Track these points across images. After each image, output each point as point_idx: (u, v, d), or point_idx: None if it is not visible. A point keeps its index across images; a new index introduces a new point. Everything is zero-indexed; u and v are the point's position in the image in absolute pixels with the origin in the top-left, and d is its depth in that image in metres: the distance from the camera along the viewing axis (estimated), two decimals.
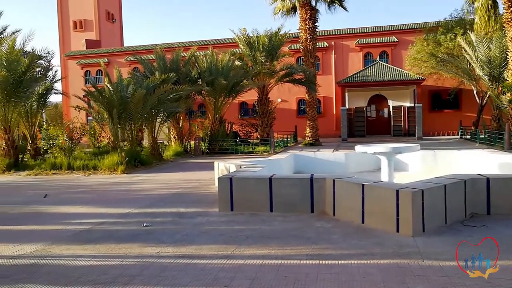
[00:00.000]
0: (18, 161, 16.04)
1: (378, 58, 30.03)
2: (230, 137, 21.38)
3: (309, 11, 22.92)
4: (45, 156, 17.05)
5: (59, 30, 45.05)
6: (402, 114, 27.79)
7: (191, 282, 4.08)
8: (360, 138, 26.70)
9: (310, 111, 23.47)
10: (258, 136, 23.51)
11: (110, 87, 16.98)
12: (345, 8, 23.66)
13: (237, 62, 22.81)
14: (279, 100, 30.09)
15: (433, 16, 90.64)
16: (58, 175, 13.93)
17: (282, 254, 4.81)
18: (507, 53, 18.73)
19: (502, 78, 19.53)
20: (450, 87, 26.57)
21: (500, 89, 19.82)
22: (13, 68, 15.32)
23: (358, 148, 9.36)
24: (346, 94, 27.26)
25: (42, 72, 18.62)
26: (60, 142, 16.71)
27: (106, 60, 33.51)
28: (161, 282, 4.10)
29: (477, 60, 20.53)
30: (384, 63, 28.72)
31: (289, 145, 23.25)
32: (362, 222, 5.93)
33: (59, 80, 20.76)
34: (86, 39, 40.57)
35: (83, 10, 44.26)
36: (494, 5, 20.03)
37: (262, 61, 21.93)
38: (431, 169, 10.78)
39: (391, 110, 28.44)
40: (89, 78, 34.71)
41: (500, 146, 17.31)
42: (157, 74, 19.70)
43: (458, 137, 25.07)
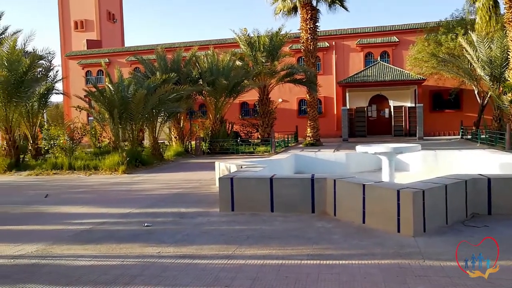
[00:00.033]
0: (19, 161, 16.06)
1: (379, 58, 29.99)
2: (231, 137, 21.37)
3: (310, 11, 22.92)
4: (46, 156, 17.08)
5: (60, 30, 45.12)
6: (403, 114, 27.78)
7: (192, 282, 4.09)
8: (361, 138, 26.67)
9: (311, 111, 23.48)
10: (259, 136, 23.50)
11: (111, 87, 16.99)
12: (346, 8, 23.69)
13: (238, 62, 22.80)
14: (280, 100, 30.08)
15: (434, 16, 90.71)
16: (59, 175, 13.94)
17: (283, 254, 4.81)
18: (508, 53, 18.72)
19: (503, 78, 19.52)
20: (451, 87, 26.55)
21: (501, 89, 19.80)
22: (14, 68, 15.34)
23: (359, 148, 9.36)
24: (347, 94, 27.26)
25: (43, 72, 18.67)
26: (61, 142, 16.74)
27: (107, 60, 33.54)
28: (162, 282, 4.10)
29: (478, 60, 20.51)
30: (385, 63, 28.69)
31: (290, 145, 23.25)
32: (363, 222, 5.93)
33: (60, 80, 20.83)
34: (87, 39, 40.62)
35: (84, 10, 44.32)
36: (495, 5, 20.02)
37: (263, 61, 21.92)
38: (432, 169, 10.77)
39: (392, 110, 28.42)
40: (90, 78, 34.70)
41: (501, 146, 17.29)
42: (158, 74, 19.76)
43: (459, 137, 25.04)
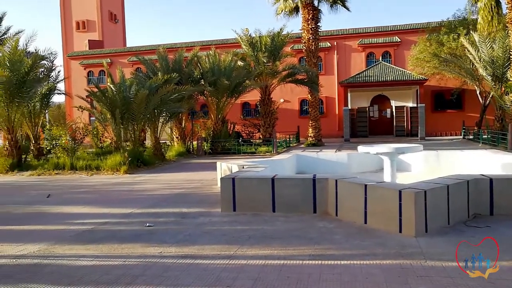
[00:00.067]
0: (21, 161, 16.09)
1: (380, 58, 29.95)
2: (232, 137, 21.38)
3: (311, 12, 22.92)
4: (48, 156, 17.13)
5: (62, 30, 45.20)
6: (405, 115, 27.74)
7: (194, 282, 4.09)
8: (362, 138, 26.65)
9: (313, 111, 23.47)
10: (261, 136, 23.49)
11: (113, 88, 17.02)
12: (347, 8, 23.69)
13: (239, 63, 22.80)
14: (282, 100, 30.08)
15: (436, 16, 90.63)
16: (61, 175, 13.97)
17: (285, 255, 4.81)
18: (510, 53, 18.70)
19: (505, 78, 19.48)
20: (453, 87, 26.49)
21: (503, 89, 19.76)
22: (16, 68, 15.36)
23: (361, 148, 9.36)
24: (349, 94, 27.24)
25: (45, 72, 18.73)
26: (63, 142, 16.79)
27: (109, 60, 33.59)
28: (163, 282, 4.10)
29: (480, 60, 20.47)
30: (386, 63, 28.65)
31: (291, 145, 23.24)
32: (365, 222, 5.93)
33: (62, 80, 20.88)
34: (89, 40, 40.71)
35: (86, 10, 44.41)
36: (497, 5, 19.96)
37: (265, 61, 21.92)
38: (434, 169, 10.76)
39: (394, 110, 28.40)
40: (92, 78, 34.70)
41: (503, 146, 17.24)
42: (159, 74, 19.79)
43: (461, 137, 24.97)
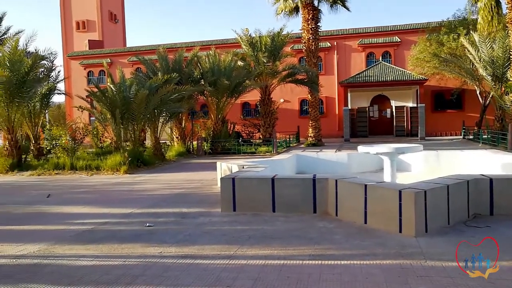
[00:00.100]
0: (21, 161, 16.09)
1: (380, 58, 29.95)
2: (232, 137, 21.38)
3: (311, 12, 22.92)
4: (48, 156, 17.13)
5: (62, 30, 45.19)
6: (405, 115, 27.74)
7: (194, 282, 4.09)
8: (362, 138, 26.65)
9: (313, 111, 23.47)
10: (261, 136, 23.50)
11: (113, 88, 17.02)
12: (347, 8, 23.70)
13: (239, 63, 22.80)
14: (282, 100, 30.08)
15: (436, 16, 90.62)
16: (61, 175, 13.97)
17: (285, 255, 4.81)
18: (510, 53, 18.70)
19: (505, 78, 19.48)
20: (453, 87, 26.49)
21: (503, 89, 19.76)
22: (16, 68, 15.36)
23: (361, 148, 9.36)
24: (349, 94, 27.24)
25: (45, 72, 18.73)
26: (63, 142, 16.79)
27: (109, 60, 33.58)
28: (163, 282, 4.10)
29: (480, 60, 20.47)
30: (386, 63, 28.65)
31: (291, 145, 23.25)
32: (365, 222, 5.93)
33: (62, 80, 20.88)
34: (89, 40, 40.71)
35: (86, 10, 44.40)
36: (497, 5, 19.96)
37: (265, 61, 21.92)
38: (434, 169, 10.76)
39: (394, 110, 28.40)
40: (92, 78, 34.70)
41: (503, 146, 17.25)
42: (159, 74, 19.80)
43: (461, 137, 24.97)
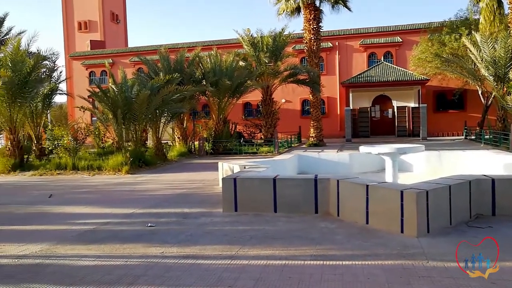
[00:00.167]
0: (23, 161, 16.13)
1: (382, 59, 29.94)
2: (234, 137, 21.38)
3: (313, 12, 22.92)
4: (50, 156, 17.15)
5: (64, 30, 45.26)
6: (407, 115, 27.72)
7: (195, 282, 4.09)
8: (364, 138, 26.63)
9: (314, 112, 23.47)
10: (262, 136, 23.50)
11: (115, 88, 17.05)
12: (349, 8, 23.68)
13: (241, 63, 22.80)
14: (283, 100, 30.09)
15: (437, 16, 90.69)
16: (63, 175, 13.99)
17: (286, 255, 4.80)
18: None
19: (507, 79, 19.42)
20: (455, 88, 26.45)
21: (505, 89, 19.70)
22: (18, 68, 15.40)
23: (363, 148, 9.34)
24: (350, 94, 27.23)
25: (47, 72, 18.76)
26: (65, 142, 16.82)
27: (111, 60, 33.61)
28: (165, 282, 4.10)
29: (482, 60, 20.42)
30: (388, 64, 28.64)
31: (293, 145, 23.24)
32: (366, 222, 5.92)
33: (64, 80, 20.90)
34: (90, 40, 40.81)
35: (88, 11, 44.47)
36: (499, 5, 19.93)
37: (266, 61, 21.93)
38: (436, 169, 10.74)
39: (396, 110, 28.37)
40: (93, 78, 34.75)
41: (505, 146, 17.21)
42: (161, 74, 19.83)
43: (463, 137, 24.93)
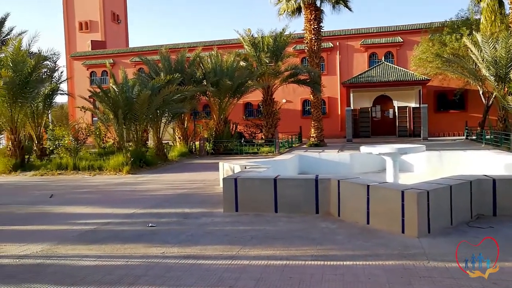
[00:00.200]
0: (24, 161, 16.14)
1: (383, 59, 29.92)
2: (234, 137, 21.39)
3: (314, 12, 22.92)
4: (51, 156, 17.15)
5: (65, 31, 45.33)
6: (407, 115, 27.71)
7: (196, 282, 4.09)
8: (365, 138, 26.63)
9: (315, 112, 23.46)
10: (263, 136, 23.51)
11: (116, 88, 17.05)
12: (349, 8, 23.68)
13: (242, 63, 22.80)
14: (284, 100, 30.10)
15: (438, 16, 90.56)
16: (64, 176, 14.00)
17: (287, 255, 4.81)
18: None
19: (508, 79, 19.40)
20: (456, 88, 26.44)
21: (506, 89, 19.68)
22: (19, 69, 15.41)
23: (363, 148, 9.34)
24: (351, 94, 27.22)
25: (48, 73, 18.78)
26: (65, 142, 16.82)
27: (112, 61, 33.65)
28: (166, 283, 4.11)
29: (483, 60, 20.39)
30: (389, 64, 28.63)
31: (294, 145, 23.24)
32: (367, 223, 5.92)
33: (65, 81, 20.89)
34: (91, 40, 40.85)
35: (89, 11, 44.52)
36: (500, 5, 19.92)
37: (267, 61, 21.92)
38: (437, 170, 10.73)
39: (396, 110, 28.35)
40: (94, 79, 34.79)
41: (506, 146, 17.20)
42: (162, 75, 19.83)
43: (464, 138, 24.92)
